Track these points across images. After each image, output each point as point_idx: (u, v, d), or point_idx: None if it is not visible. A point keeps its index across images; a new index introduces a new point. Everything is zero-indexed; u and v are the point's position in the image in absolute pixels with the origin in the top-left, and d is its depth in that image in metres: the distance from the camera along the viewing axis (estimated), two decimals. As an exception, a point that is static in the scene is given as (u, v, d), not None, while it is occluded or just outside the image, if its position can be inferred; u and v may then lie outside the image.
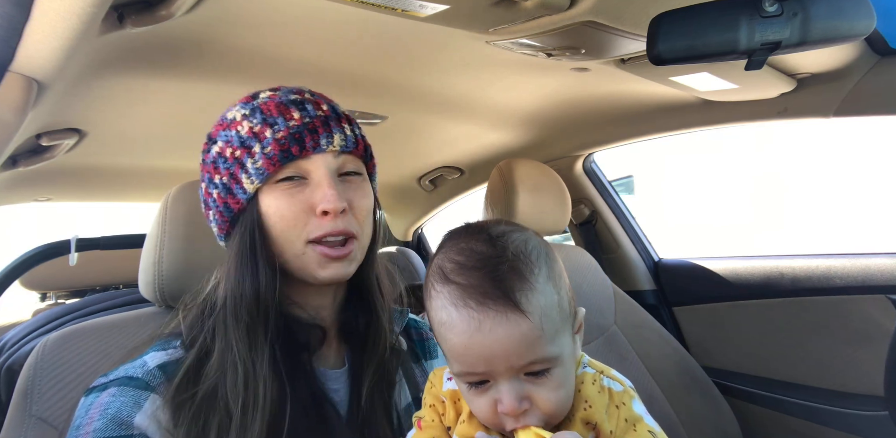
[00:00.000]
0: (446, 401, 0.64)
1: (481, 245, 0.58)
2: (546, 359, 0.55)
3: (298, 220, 0.68)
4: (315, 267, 0.70)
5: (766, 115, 1.43)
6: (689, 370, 1.58)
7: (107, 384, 0.66)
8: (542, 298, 0.55)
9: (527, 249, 0.58)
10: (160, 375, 0.66)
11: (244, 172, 0.69)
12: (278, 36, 1.02)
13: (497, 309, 0.54)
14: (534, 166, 1.59)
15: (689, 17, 0.79)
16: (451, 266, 0.58)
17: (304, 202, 0.69)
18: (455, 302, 0.56)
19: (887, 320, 1.35)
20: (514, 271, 0.56)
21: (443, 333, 0.57)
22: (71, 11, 0.65)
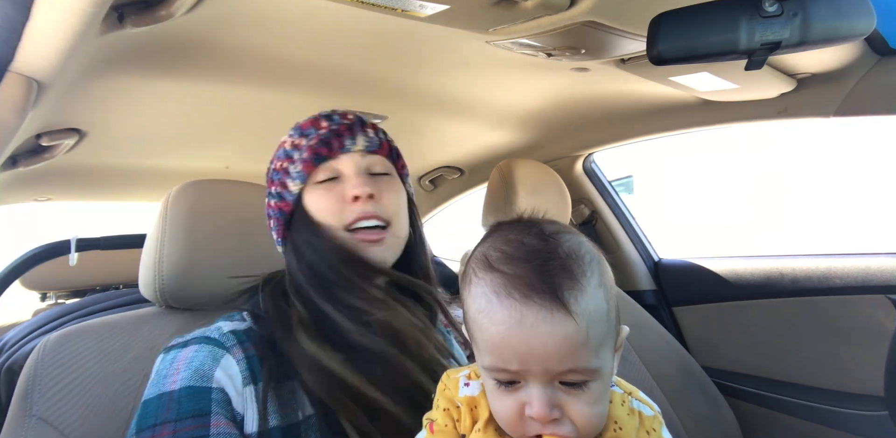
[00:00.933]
0: (462, 407, 0.62)
1: (532, 239, 0.56)
2: (586, 370, 0.52)
3: (334, 209, 0.79)
4: (359, 251, 0.79)
5: (766, 115, 1.43)
6: (689, 370, 1.58)
7: (186, 342, 0.74)
8: (591, 302, 0.52)
9: (580, 251, 0.56)
10: (233, 338, 0.74)
11: (289, 177, 0.81)
12: (278, 36, 1.02)
13: (542, 304, 0.51)
14: (534, 166, 1.59)
15: (689, 17, 0.79)
16: (496, 255, 0.56)
17: (338, 194, 0.80)
18: (497, 290, 0.53)
19: (887, 320, 1.35)
20: (565, 270, 0.53)
21: (480, 321, 0.55)
22: (71, 11, 0.65)
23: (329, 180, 0.81)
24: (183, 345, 0.73)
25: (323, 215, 0.80)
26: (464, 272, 0.60)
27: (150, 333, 0.88)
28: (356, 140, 0.82)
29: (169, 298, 0.88)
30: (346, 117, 0.85)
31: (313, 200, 0.81)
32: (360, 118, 0.86)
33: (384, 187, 0.83)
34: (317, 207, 0.80)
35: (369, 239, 0.79)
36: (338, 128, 0.82)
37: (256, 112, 1.35)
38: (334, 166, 0.81)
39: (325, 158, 0.80)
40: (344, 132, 0.82)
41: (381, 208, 0.81)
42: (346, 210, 0.79)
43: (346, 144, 0.81)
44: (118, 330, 0.88)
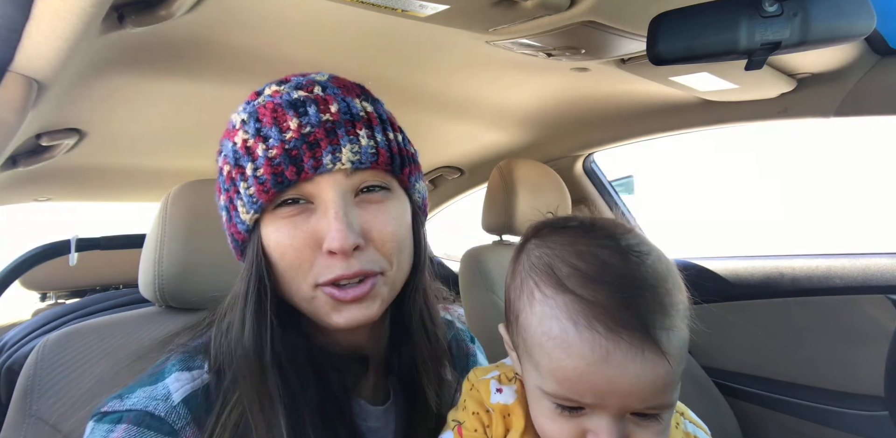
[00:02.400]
0: (493, 413, 0.57)
1: (610, 255, 0.50)
2: (665, 405, 0.48)
3: (304, 259, 0.55)
4: (327, 312, 0.57)
5: (766, 115, 1.43)
6: (688, 370, 1.58)
7: (122, 414, 0.54)
8: (681, 337, 0.48)
9: (666, 273, 0.50)
10: (186, 414, 0.54)
11: (239, 198, 0.56)
12: (278, 36, 1.02)
13: (632, 342, 0.46)
14: (534, 166, 1.59)
15: (688, 17, 0.79)
16: (568, 271, 0.49)
17: (309, 235, 0.55)
18: (574, 318, 0.47)
19: (887, 320, 1.35)
20: (658, 304, 0.48)
21: (548, 348, 0.48)
22: (71, 11, 0.65)
23: (293, 202, 0.56)
24: (117, 419, 0.53)
25: (284, 264, 0.56)
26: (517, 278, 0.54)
27: (150, 333, 0.88)
28: (340, 153, 0.54)
29: (169, 298, 0.88)
30: (327, 109, 0.56)
31: (272, 237, 0.56)
32: (350, 107, 0.57)
33: (375, 219, 0.57)
34: (277, 250, 0.55)
35: (347, 298, 0.55)
36: (312, 133, 0.54)
37: (256, 112, 1.35)
38: (306, 189, 0.55)
39: (289, 183, 0.54)
40: (321, 140, 0.54)
41: (370, 258, 0.56)
42: (320, 264, 0.55)
43: (325, 160, 0.54)
44: (118, 330, 0.88)
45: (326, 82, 0.60)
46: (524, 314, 0.52)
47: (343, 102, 0.58)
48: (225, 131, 0.61)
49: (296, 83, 0.59)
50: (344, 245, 0.53)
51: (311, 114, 0.55)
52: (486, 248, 1.59)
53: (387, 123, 0.61)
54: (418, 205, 0.66)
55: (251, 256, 0.57)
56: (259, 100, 0.59)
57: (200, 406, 0.56)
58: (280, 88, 0.59)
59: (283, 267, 0.56)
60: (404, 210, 0.61)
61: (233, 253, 0.64)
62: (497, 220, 1.56)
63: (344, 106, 0.57)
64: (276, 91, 0.59)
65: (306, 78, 0.60)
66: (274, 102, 0.57)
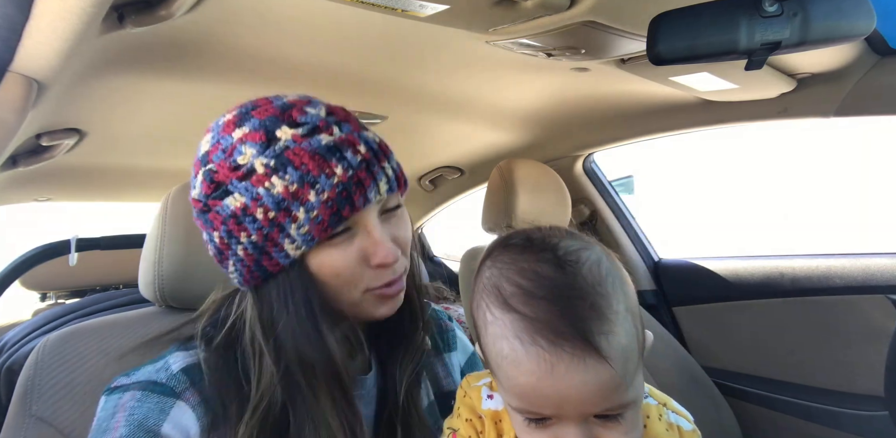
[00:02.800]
0: (485, 419, 0.60)
1: (548, 268, 0.52)
2: (623, 405, 0.50)
3: (355, 274, 0.64)
4: (372, 308, 0.68)
5: (766, 115, 1.43)
6: (689, 370, 1.58)
7: (129, 386, 0.63)
8: (623, 339, 0.49)
9: (602, 275, 0.52)
10: (185, 380, 0.63)
11: (285, 236, 0.61)
12: (278, 36, 1.02)
13: (573, 353, 0.48)
14: (534, 166, 1.59)
15: (688, 18, 0.79)
16: (511, 290, 0.52)
17: (357, 253, 0.64)
18: (520, 336, 0.50)
19: (887, 320, 1.35)
20: (593, 309, 0.49)
21: (504, 367, 0.51)
22: (71, 11, 0.65)
23: (341, 233, 0.63)
24: (125, 389, 0.62)
25: (338, 281, 0.64)
26: (474, 301, 0.57)
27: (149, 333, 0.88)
28: (379, 186, 0.63)
29: (169, 298, 0.88)
30: (358, 151, 0.62)
31: (325, 262, 0.63)
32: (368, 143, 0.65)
33: (398, 228, 0.68)
34: (331, 271, 0.63)
35: (390, 294, 0.68)
36: (355, 174, 0.61)
37: (256, 112, 1.35)
38: (350, 220, 0.63)
39: (343, 219, 0.61)
40: (365, 179, 0.62)
41: (401, 260, 0.68)
42: (368, 274, 0.65)
43: (370, 196, 0.62)
44: (118, 330, 0.88)
45: (335, 119, 0.65)
46: (482, 334, 0.55)
47: (363, 139, 0.64)
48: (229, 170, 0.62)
49: (311, 126, 0.62)
50: (391, 260, 0.64)
51: (349, 158, 0.61)
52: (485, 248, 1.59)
53: (388, 148, 0.68)
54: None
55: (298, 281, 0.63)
56: (278, 146, 0.61)
57: (197, 376, 0.64)
58: (296, 131, 0.62)
59: (335, 283, 0.64)
60: (407, 215, 0.72)
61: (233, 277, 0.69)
62: (497, 220, 1.56)
63: (366, 144, 0.64)
64: (295, 136, 0.61)
65: (308, 115, 0.64)
66: (307, 151, 0.60)
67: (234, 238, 0.63)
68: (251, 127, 0.62)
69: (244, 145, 0.61)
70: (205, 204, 0.64)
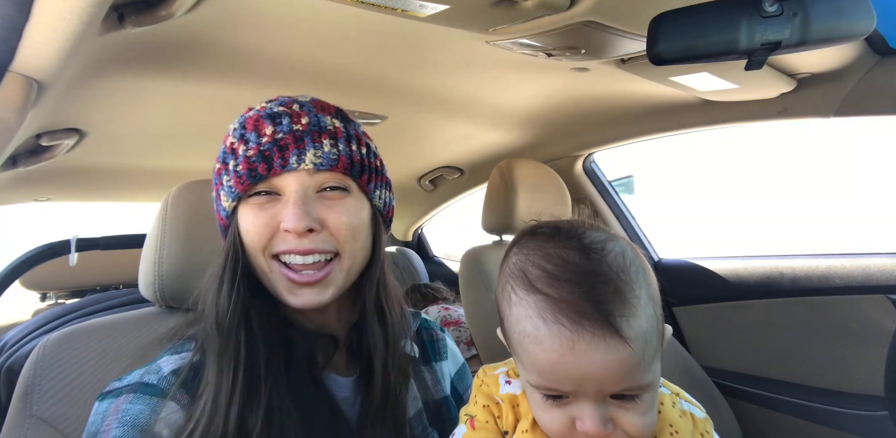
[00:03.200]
0: (503, 404, 0.61)
1: (574, 255, 0.54)
2: (640, 386, 0.52)
3: (262, 236, 0.67)
4: (284, 292, 0.68)
5: (766, 115, 1.43)
6: (689, 370, 1.58)
7: (121, 389, 0.65)
8: (643, 323, 0.51)
9: (626, 264, 0.54)
10: (174, 380, 0.65)
11: (223, 189, 0.69)
12: (278, 36, 1.02)
13: (594, 331, 0.50)
14: (534, 166, 1.59)
15: (688, 17, 0.79)
16: (537, 273, 0.54)
17: (271, 218, 0.67)
18: (543, 315, 0.52)
19: (887, 320, 1.35)
20: (616, 293, 0.51)
21: (525, 345, 0.53)
22: (71, 11, 0.65)
23: (265, 194, 0.68)
24: (117, 393, 0.64)
25: (248, 239, 0.68)
26: (500, 285, 0.59)
27: (150, 333, 0.88)
28: (304, 156, 0.66)
29: (169, 298, 0.88)
30: (298, 121, 0.68)
31: (244, 219, 0.68)
32: (319, 121, 0.70)
33: (331, 211, 0.68)
34: (244, 227, 0.68)
35: (301, 281, 0.67)
36: (283, 138, 0.67)
37: (256, 112, 1.35)
38: (275, 183, 0.67)
39: (261, 177, 0.66)
40: (290, 144, 0.66)
41: (324, 239, 0.67)
42: (279, 237, 0.67)
43: (291, 161, 0.66)
44: (118, 330, 0.88)
45: (305, 102, 0.72)
46: (506, 315, 0.57)
47: (315, 117, 0.70)
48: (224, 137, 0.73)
49: (280, 101, 0.72)
50: (297, 225, 0.64)
51: (284, 124, 0.68)
52: (486, 248, 1.59)
53: (352, 138, 0.72)
54: (379, 209, 0.76)
55: (229, 235, 0.70)
56: (249, 113, 0.72)
57: (188, 377, 0.66)
58: (267, 104, 0.72)
59: (247, 241, 0.68)
60: (360, 208, 0.72)
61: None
62: (497, 220, 1.56)
63: (314, 120, 0.70)
64: (263, 106, 0.72)
65: (291, 98, 0.73)
66: (258, 114, 0.70)
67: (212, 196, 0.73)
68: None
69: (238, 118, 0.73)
70: None
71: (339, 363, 0.77)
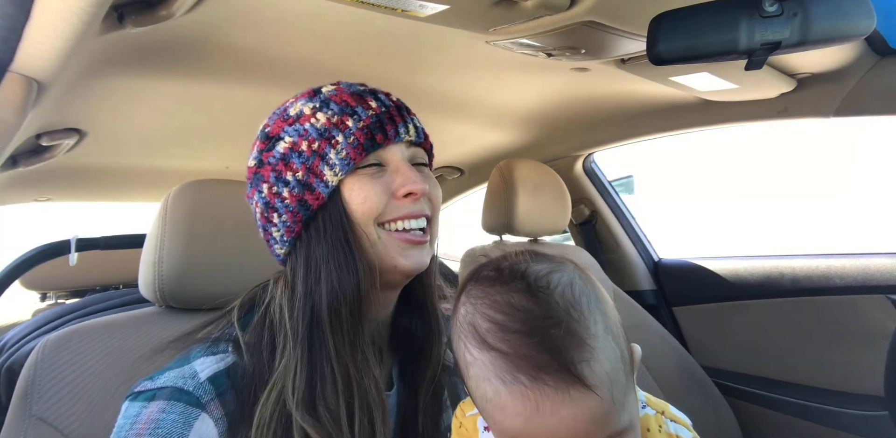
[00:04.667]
0: None
1: (521, 298, 0.49)
2: (618, 432, 0.47)
3: (380, 202, 0.67)
4: (395, 255, 0.68)
5: (766, 115, 1.43)
6: (689, 370, 1.58)
7: (154, 392, 0.61)
8: (605, 363, 0.47)
9: (575, 297, 0.49)
10: (211, 390, 0.62)
11: (325, 164, 0.66)
12: (279, 36, 1.02)
13: (556, 386, 0.45)
14: (534, 166, 1.59)
15: (688, 17, 0.79)
16: (486, 326, 0.50)
17: (386, 186, 0.68)
18: (501, 376, 0.47)
19: (887, 320, 1.35)
20: (570, 335, 0.47)
21: (490, 411, 0.49)
22: (71, 11, 0.65)
23: (373, 166, 0.68)
24: (150, 396, 0.61)
25: (364, 208, 0.67)
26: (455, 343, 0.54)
27: (150, 333, 0.88)
28: (408, 128, 0.70)
29: (169, 298, 0.88)
30: (390, 98, 0.72)
31: (356, 190, 0.67)
32: (400, 100, 0.74)
33: (430, 181, 0.72)
34: (359, 197, 0.66)
35: (415, 240, 0.68)
36: (388, 111, 0.69)
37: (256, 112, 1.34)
38: (381, 155, 0.68)
39: (378, 145, 0.67)
40: (396, 116, 0.69)
41: (425, 204, 0.70)
42: (392, 205, 0.67)
43: (400, 131, 0.69)
44: (118, 330, 0.88)
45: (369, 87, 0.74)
46: (465, 377, 0.52)
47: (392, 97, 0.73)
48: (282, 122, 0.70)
49: (349, 83, 0.73)
50: (422, 187, 0.67)
51: (383, 99, 0.71)
52: (485, 248, 1.59)
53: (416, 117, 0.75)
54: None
55: (335, 212, 0.67)
56: (323, 94, 0.71)
57: (224, 385, 0.63)
58: (338, 86, 0.72)
59: (360, 212, 0.67)
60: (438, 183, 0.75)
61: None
62: (497, 220, 1.56)
63: (398, 98, 0.74)
64: (337, 88, 0.72)
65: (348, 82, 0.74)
66: (346, 92, 0.70)
67: (281, 181, 0.68)
68: (301, 92, 0.73)
69: (296, 103, 0.71)
70: (258, 161, 0.70)
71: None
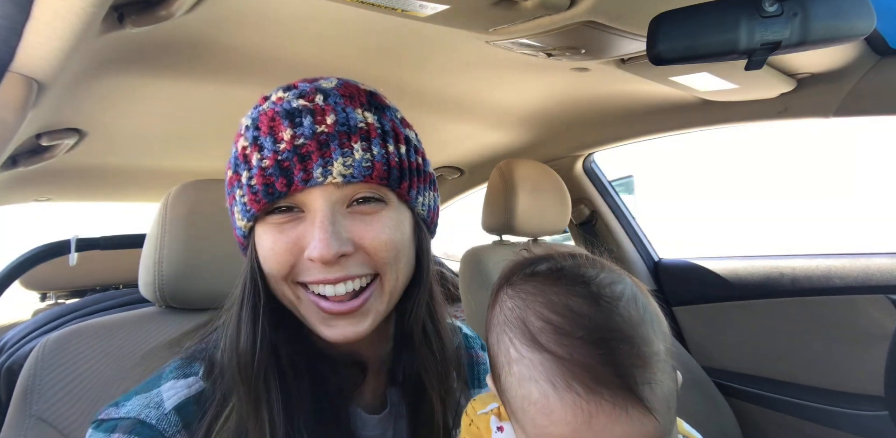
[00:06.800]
0: None
1: (582, 304, 0.46)
2: None
3: (283, 264, 0.56)
4: (317, 324, 0.58)
5: (766, 115, 1.43)
6: (689, 370, 1.58)
7: (116, 422, 0.55)
8: (666, 387, 0.45)
9: (641, 314, 0.47)
10: (177, 422, 0.55)
11: (236, 204, 0.58)
12: (278, 36, 1.02)
13: (614, 402, 0.42)
14: (534, 166, 1.59)
15: (689, 17, 0.79)
16: (540, 325, 0.46)
17: (294, 241, 0.55)
18: (552, 380, 0.44)
19: (887, 320, 1.35)
20: (638, 356, 0.44)
21: (532, 414, 0.46)
22: (71, 11, 0.65)
23: (286, 210, 0.56)
24: (111, 428, 0.54)
25: (267, 265, 0.57)
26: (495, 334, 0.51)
27: (150, 333, 0.88)
28: (331, 167, 0.54)
29: (169, 298, 0.88)
30: (323, 121, 0.55)
31: (262, 240, 0.57)
32: (348, 118, 0.56)
33: (368, 229, 0.56)
34: (262, 252, 0.57)
35: (334, 310, 0.56)
36: (304, 145, 0.54)
37: (256, 112, 1.35)
38: (297, 198, 0.55)
39: (279, 194, 0.54)
40: (313, 152, 0.53)
41: (359, 262, 0.56)
42: (301, 265, 0.56)
43: (315, 174, 0.53)
44: (118, 330, 0.88)
45: (331, 90, 0.58)
46: (504, 373, 0.49)
47: (343, 112, 0.57)
48: (236, 134, 0.61)
49: (300, 91, 0.58)
50: (325, 254, 0.53)
51: (306, 125, 0.55)
52: (486, 248, 1.59)
53: (388, 135, 0.59)
54: (422, 217, 0.64)
55: (247, 260, 0.59)
56: (264, 106, 0.59)
57: (192, 414, 0.56)
58: (284, 94, 0.58)
59: (266, 267, 0.57)
60: (401, 221, 0.60)
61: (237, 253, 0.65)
62: (497, 220, 1.56)
63: (342, 117, 0.56)
64: (279, 98, 0.58)
65: (313, 84, 0.59)
66: (274, 110, 0.57)
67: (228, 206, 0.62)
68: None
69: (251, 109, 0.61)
70: None
71: (365, 395, 0.67)
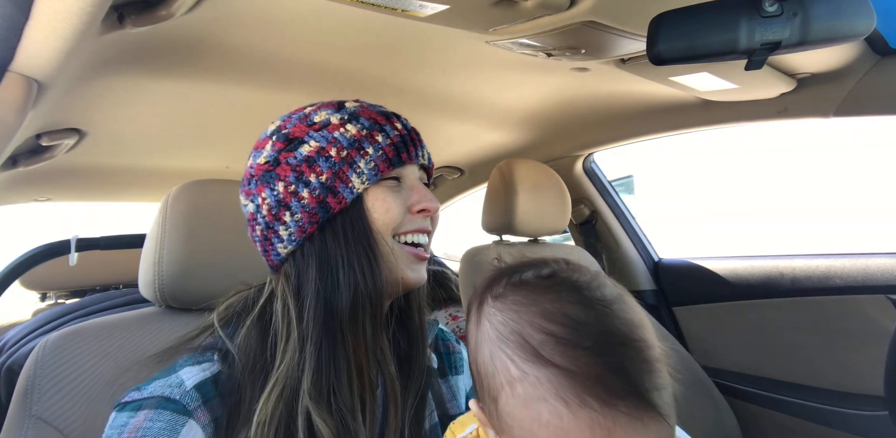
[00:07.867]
0: None
1: (579, 310, 0.44)
2: None
3: (399, 214, 0.72)
4: (404, 267, 0.72)
5: (766, 115, 1.43)
6: (689, 370, 1.58)
7: (141, 402, 0.62)
8: (669, 390, 0.43)
9: (638, 319, 0.45)
10: (197, 397, 0.63)
11: (353, 171, 0.70)
12: (278, 36, 1.02)
13: (630, 413, 0.40)
14: (534, 166, 1.59)
15: (689, 18, 0.79)
16: (541, 337, 0.43)
17: (404, 200, 0.73)
18: (563, 397, 0.41)
19: (887, 320, 1.35)
20: (644, 361, 0.42)
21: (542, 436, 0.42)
22: (71, 11, 0.65)
23: (394, 180, 0.74)
24: (136, 406, 0.62)
25: (385, 219, 0.71)
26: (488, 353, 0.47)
27: (150, 333, 0.88)
28: (422, 152, 0.77)
29: (169, 298, 0.88)
30: (406, 122, 0.79)
31: (379, 200, 0.71)
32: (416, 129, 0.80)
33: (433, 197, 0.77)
34: (383, 208, 0.71)
35: (420, 255, 0.74)
36: (409, 134, 0.76)
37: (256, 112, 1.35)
38: (401, 172, 0.74)
39: (401, 163, 0.72)
40: (415, 140, 0.76)
41: (432, 223, 0.77)
42: (407, 219, 0.73)
43: (418, 154, 0.76)
44: (118, 330, 0.88)
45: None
46: (503, 395, 0.45)
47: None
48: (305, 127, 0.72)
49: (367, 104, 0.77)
50: (432, 206, 0.73)
51: (405, 123, 0.77)
52: (486, 248, 1.59)
53: None
54: None
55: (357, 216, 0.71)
56: (349, 109, 0.74)
57: (210, 392, 0.64)
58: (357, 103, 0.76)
59: (381, 222, 0.71)
60: None
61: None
62: (497, 220, 1.56)
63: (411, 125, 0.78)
64: (361, 104, 0.76)
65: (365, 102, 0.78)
66: (374, 111, 0.75)
67: (302, 182, 0.70)
68: (322, 103, 0.76)
69: (319, 111, 0.74)
70: (274, 160, 0.71)
71: None
